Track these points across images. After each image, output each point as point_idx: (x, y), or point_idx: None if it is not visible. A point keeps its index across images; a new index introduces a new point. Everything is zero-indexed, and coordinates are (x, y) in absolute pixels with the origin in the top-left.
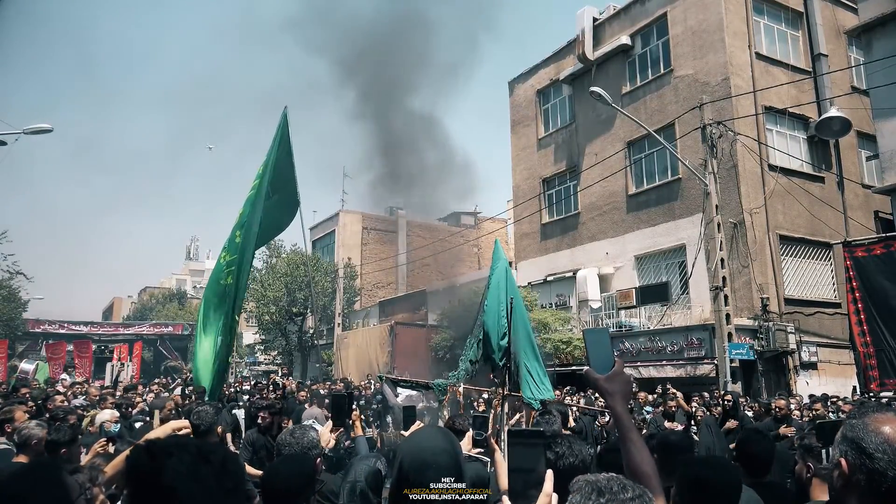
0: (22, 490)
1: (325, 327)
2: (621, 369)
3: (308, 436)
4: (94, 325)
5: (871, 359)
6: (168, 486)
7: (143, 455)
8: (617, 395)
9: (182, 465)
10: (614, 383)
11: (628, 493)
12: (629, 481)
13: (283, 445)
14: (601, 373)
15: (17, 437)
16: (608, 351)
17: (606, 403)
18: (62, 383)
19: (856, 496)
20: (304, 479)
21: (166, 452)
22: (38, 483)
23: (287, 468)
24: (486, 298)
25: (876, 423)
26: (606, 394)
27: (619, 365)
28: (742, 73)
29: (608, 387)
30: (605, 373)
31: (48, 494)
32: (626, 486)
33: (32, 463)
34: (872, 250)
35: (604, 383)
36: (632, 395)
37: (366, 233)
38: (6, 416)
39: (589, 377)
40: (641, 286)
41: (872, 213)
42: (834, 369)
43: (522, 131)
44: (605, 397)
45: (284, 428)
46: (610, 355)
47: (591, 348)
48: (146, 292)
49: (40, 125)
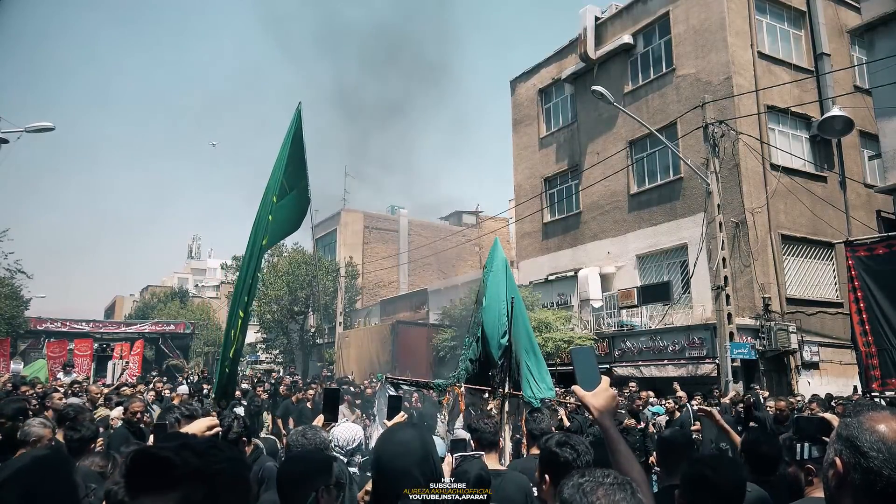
0: (30, 483)
1: (327, 326)
2: (607, 386)
3: (319, 436)
4: (96, 324)
5: (872, 358)
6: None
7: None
8: (603, 410)
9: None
10: (600, 398)
11: (609, 478)
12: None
13: (294, 446)
14: (588, 390)
15: (20, 436)
16: (594, 369)
17: (594, 418)
18: (58, 382)
19: (851, 495)
20: (319, 464)
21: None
22: (47, 478)
23: (301, 458)
24: (485, 296)
25: (871, 422)
26: (593, 409)
27: (605, 382)
28: (744, 73)
29: (594, 402)
30: (592, 389)
31: (55, 490)
32: (609, 473)
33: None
34: (874, 250)
35: (590, 399)
36: (616, 409)
37: (367, 232)
38: None
39: (576, 393)
40: (643, 285)
41: (875, 213)
42: (836, 369)
43: (524, 130)
44: (591, 412)
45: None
46: (596, 373)
47: (578, 366)
48: (148, 291)
49: (42, 123)
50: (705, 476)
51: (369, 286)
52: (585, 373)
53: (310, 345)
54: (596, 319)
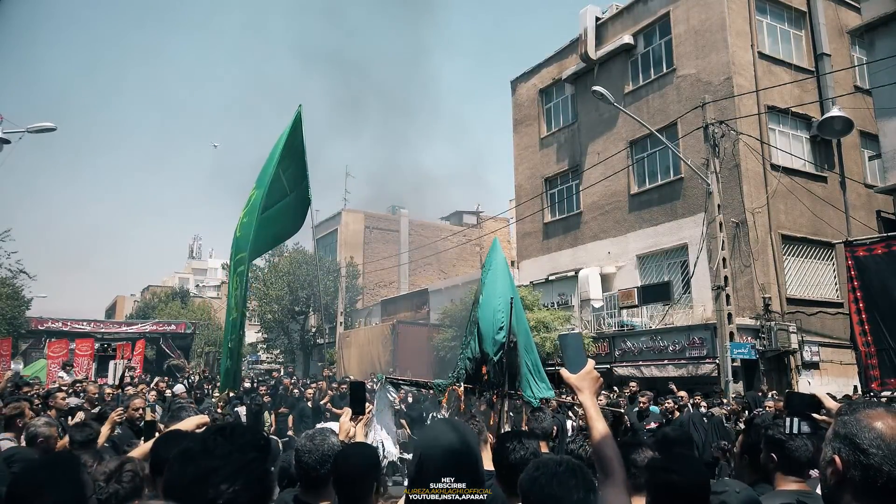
0: (37, 483)
1: (328, 326)
2: (591, 368)
3: (328, 441)
4: (97, 323)
5: (872, 358)
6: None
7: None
8: (586, 390)
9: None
10: (584, 380)
11: (562, 466)
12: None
13: (302, 452)
14: (574, 373)
15: (25, 435)
16: (581, 353)
17: (577, 398)
18: (59, 381)
19: (850, 493)
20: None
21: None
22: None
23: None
24: (482, 294)
25: (868, 419)
26: (577, 389)
27: (590, 364)
28: (745, 73)
29: (578, 384)
30: (578, 372)
31: (62, 490)
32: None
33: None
34: (874, 250)
35: (575, 381)
36: (601, 389)
37: (368, 232)
38: (16, 411)
39: (563, 376)
40: (643, 285)
41: (875, 213)
42: (836, 369)
43: (525, 130)
44: (576, 392)
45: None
46: (582, 357)
47: (566, 351)
48: (149, 291)
49: (44, 124)
50: (665, 480)
51: (370, 286)
52: (573, 357)
53: (310, 345)
54: (596, 319)
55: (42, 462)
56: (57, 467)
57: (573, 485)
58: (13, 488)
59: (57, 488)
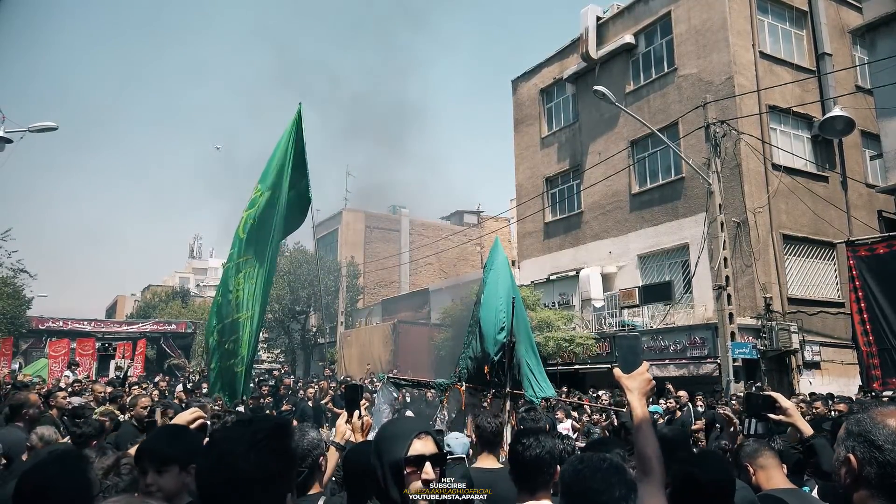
0: (43, 481)
1: (328, 325)
2: (644, 370)
3: (308, 437)
4: (98, 323)
5: (873, 358)
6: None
7: None
8: (635, 390)
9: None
10: (634, 381)
11: (605, 463)
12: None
13: None
14: (627, 373)
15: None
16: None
17: (626, 398)
18: (65, 380)
19: (867, 490)
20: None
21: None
22: (60, 475)
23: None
24: (483, 293)
25: (882, 417)
26: (627, 389)
27: (644, 367)
28: (746, 73)
29: (628, 384)
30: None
31: (68, 487)
32: (605, 459)
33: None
34: (875, 249)
35: (626, 381)
36: (652, 392)
37: (368, 231)
38: (21, 401)
39: (615, 375)
40: (644, 285)
41: (876, 213)
42: (837, 369)
43: (526, 130)
44: (625, 392)
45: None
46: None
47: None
48: (149, 290)
49: (45, 123)
50: (693, 475)
51: (371, 286)
52: (627, 358)
53: (311, 344)
54: (597, 319)
55: (50, 459)
56: (65, 465)
57: (615, 482)
58: (21, 485)
59: (64, 486)
